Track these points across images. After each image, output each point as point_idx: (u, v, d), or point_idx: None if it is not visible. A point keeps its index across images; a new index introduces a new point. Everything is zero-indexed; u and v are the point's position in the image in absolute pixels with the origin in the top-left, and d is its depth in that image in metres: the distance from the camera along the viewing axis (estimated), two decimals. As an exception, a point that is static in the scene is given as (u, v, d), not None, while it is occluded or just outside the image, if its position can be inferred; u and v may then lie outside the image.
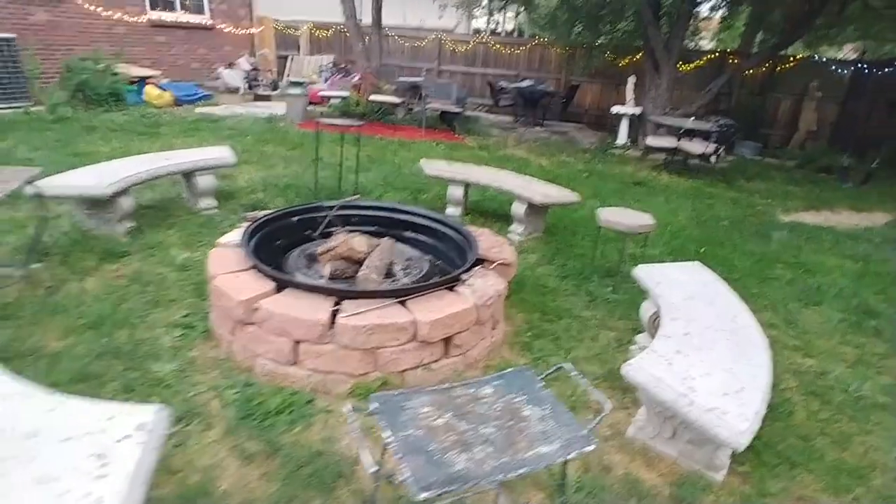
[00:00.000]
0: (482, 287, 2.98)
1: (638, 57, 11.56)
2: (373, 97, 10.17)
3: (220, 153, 4.74)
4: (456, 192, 5.11)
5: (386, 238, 3.47)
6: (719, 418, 1.89)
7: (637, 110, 10.54)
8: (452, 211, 5.24)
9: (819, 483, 2.42)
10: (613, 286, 4.08)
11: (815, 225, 6.47)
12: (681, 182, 8.15)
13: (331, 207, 3.93)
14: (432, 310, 2.71)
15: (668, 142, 8.58)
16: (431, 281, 2.93)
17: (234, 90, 12.67)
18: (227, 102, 11.33)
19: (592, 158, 9.27)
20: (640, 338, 3.26)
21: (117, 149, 6.41)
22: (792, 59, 11.66)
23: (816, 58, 11.76)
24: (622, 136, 10.82)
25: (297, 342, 2.61)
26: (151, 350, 2.82)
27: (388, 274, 3.37)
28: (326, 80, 12.96)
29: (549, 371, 1.82)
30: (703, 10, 12.41)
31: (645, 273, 3.22)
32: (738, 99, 12.04)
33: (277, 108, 10.51)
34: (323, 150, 6.95)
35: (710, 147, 8.09)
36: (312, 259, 3.45)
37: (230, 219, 4.56)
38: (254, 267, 2.90)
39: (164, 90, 10.33)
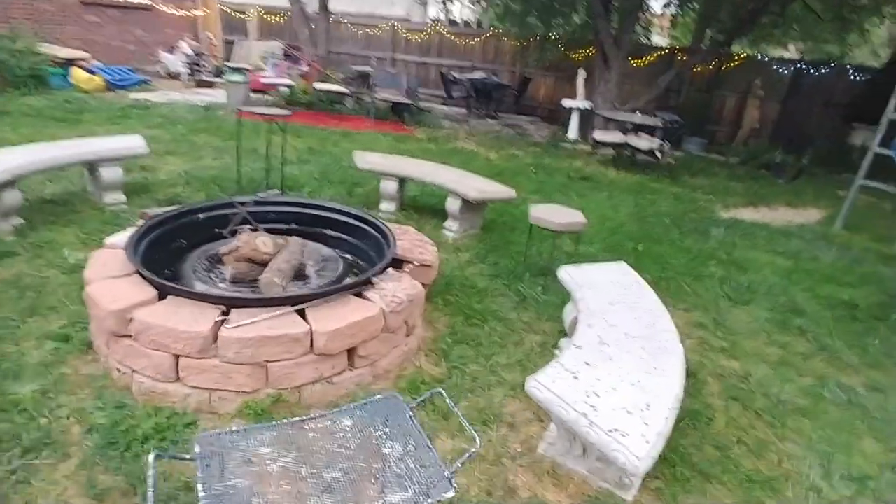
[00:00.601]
0: (393, 292, 2.77)
1: (591, 51, 11.54)
2: (318, 86, 9.78)
3: (130, 142, 4.36)
4: (389, 186, 4.88)
5: (295, 238, 3.21)
6: (618, 441, 1.76)
7: (587, 104, 10.52)
8: (387, 206, 5.01)
9: (731, 497, 2.33)
10: (544, 286, 3.95)
11: (752, 221, 6.55)
12: (627, 177, 8.15)
13: (244, 203, 3.65)
14: (332, 318, 2.49)
15: (615, 137, 8.57)
16: (335, 286, 2.70)
17: (176, 76, 12.01)
18: (165, 88, 10.70)
19: (542, 153, 9.18)
20: (565, 342, 3.13)
21: (26, 136, 5.87)
22: (737, 57, 11.88)
23: (760, 56, 12.01)
24: (573, 131, 10.79)
25: (177, 357, 2.34)
26: (13, 367, 2.50)
27: (301, 276, 3.13)
28: (273, 66, 12.43)
29: (422, 398, 1.63)
30: (656, 6, 12.50)
31: (569, 275, 3.09)
32: (686, 95, 12.20)
33: (220, 95, 9.98)
34: (261, 141, 6.60)
35: (656, 142, 8.11)
36: (216, 261, 3.17)
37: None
38: (137, 272, 2.61)
39: (94, 74, 9.64)
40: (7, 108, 7.15)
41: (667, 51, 12.63)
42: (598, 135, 8.63)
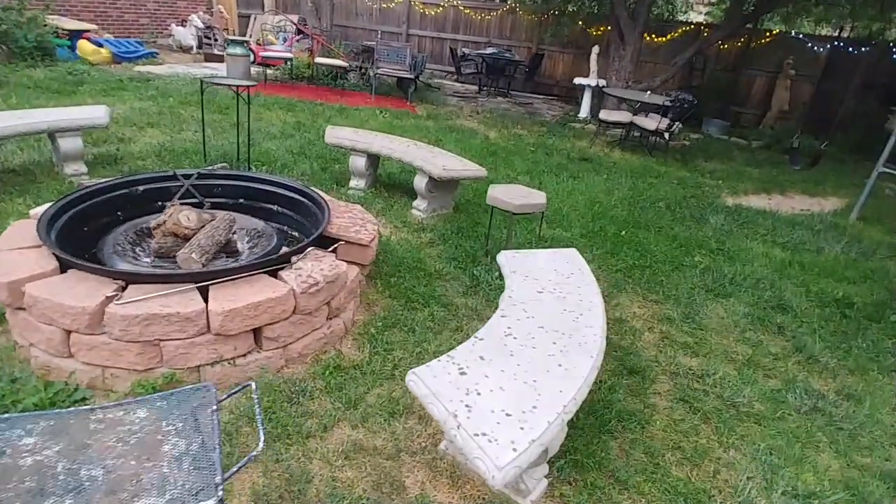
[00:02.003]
0: (309, 272, 2.62)
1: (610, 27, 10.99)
2: (319, 60, 9.60)
3: (91, 113, 4.29)
4: (358, 162, 4.71)
5: (224, 213, 3.09)
6: (481, 448, 1.57)
7: (600, 82, 10.03)
8: (356, 183, 4.85)
9: (645, 508, 2.13)
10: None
11: (758, 209, 6.12)
12: (632, 159, 7.75)
13: (187, 176, 3.55)
14: (234, 298, 2.36)
15: (622, 116, 8.14)
16: (241, 264, 2.56)
17: (187, 49, 12.01)
18: (172, 62, 10.70)
19: (548, 132, 8.82)
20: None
21: (14, 106, 5.91)
22: (767, 34, 11.12)
23: (793, 34, 11.19)
24: (584, 110, 10.35)
25: (68, 332, 2.26)
26: (-83, 335, 2.47)
27: (233, 252, 3.02)
28: (285, 40, 12.30)
29: (233, 391, 1.48)
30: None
31: (507, 259, 2.88)
32: (711, 74, 11.53)
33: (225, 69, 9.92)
34: (261, 113, 6.52)
35: (664, 123, 7.66)
36: (147, 235, 3.07)
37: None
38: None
39: (101, 46, 9.69)
40: (7, 79, 7.23)
41: (692, 27, 11.92)
42: (604, 114, 8.21)
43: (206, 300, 2.33)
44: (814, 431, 2.70)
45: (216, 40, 12.18)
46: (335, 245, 2.93)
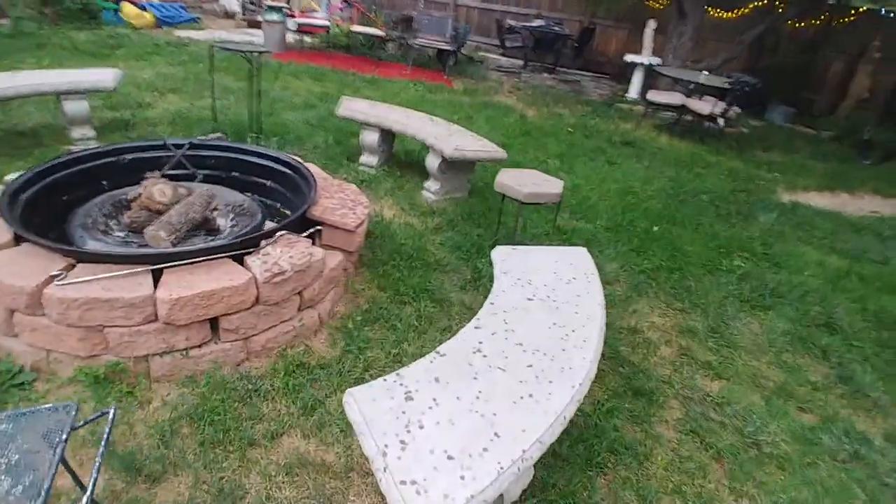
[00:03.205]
0: (277, 259, 2.38)
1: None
2: (355, 28, 9.29)
3: (97, 76, 4.18)
4: (369, 137, 4.42)
5: (202, 188, 2.88)
6: (404, 500, 1.29)
7: (654, 60, 9.26)
8: (366, 160, 4.57)
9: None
10: (507, 266, 3.39)
11: (818, 208, 5.46)
12: (680, 146, 7.10)
13: (180, 146, 3.37)
14: (187, 284, 2.15)
15: (673, 98, 7.45)
16: (203, 247, 2.35)
17: (231, 15, 11.97)
18: (214, 28, 10.66)
19: (591, 112, 8.22)
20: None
21: (46, 68, 5.94)
22: (853, 11, 9.91)
23: (883, 12, 9.93)
24: (634, 90, 9.62)
25: (12, 311, 2.12)
26: None
27: (213, 230, 2.82)
28: (327, 6, 12.04)
29: (90, 419, 1.24)
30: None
31: (501, 256, 2.55)
32: (782, 55, 10.46)
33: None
34: (274, 83, 6.38)
35: (719, 107, 6.95)
36: (125, 207, 2.92)
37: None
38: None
39: (145, 10, 9.73)
40: (49, 40, 7.33)
41: (765, 2, 10.81)
42: (653, 95, 7.54)
43: (150, 285, 2.13)
44: (850, 484, 2.27)
45: (260, 6, 12.06)
46: (311, 230, 2.68)
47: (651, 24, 9.44)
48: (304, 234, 2.64)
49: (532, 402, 1.66)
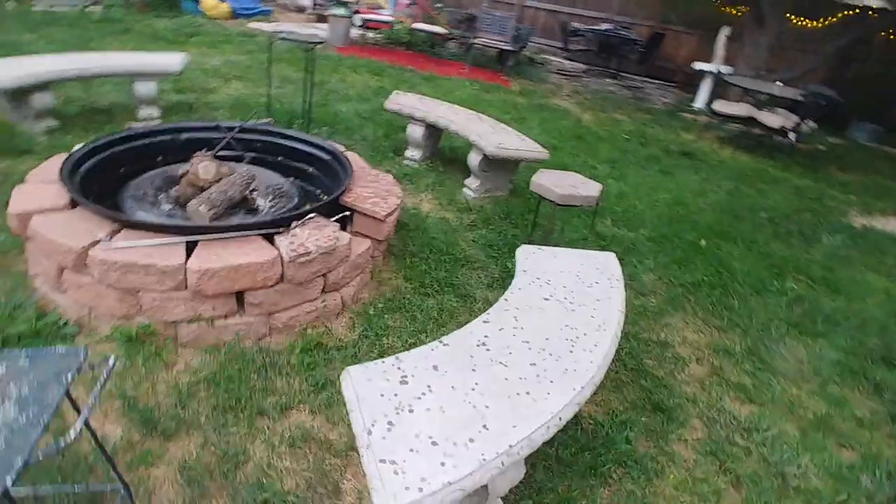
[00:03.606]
0: (304, 240, 2.46)
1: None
2: (416, 25, 9.41)
3: (165, 60, 4.46)
4: (415, 131, 4.47)
5: (244, 168, 3.02)
6: (381, 479, 1.30)
7: (725, 69, 8.82)
8: (411, 154, 4.63)
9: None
10: (537, 267, 3.34)
11: (893, 235, 5.02)
12: (743, 160, 6.73)
13: (231, 129, 3.54)
14: (217, 257, 2.26)
15: (740, 109, 7.07)
16: (234, 224, 2.45)
17: (302, 9, 12.43)
18: (284, 20, 11.12)
19: (651, 120, 7.95)
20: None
21: (128, 51, 6.41)
22: (958, 21, 9.03)
23: None
24: (701, 99, 9.20)
25: (62, 268, 2.30)
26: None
27: (252, 209, 2.96)
28: (395, 4, 12.27)
29: (97, 363, 1.32)
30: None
31: (525, 255, 2.51)
32: (870, 68, 9.68)
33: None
34: (333, 75, 6.58)
35: (791, 120, 6.53)
36: (175, 183, 3.10)
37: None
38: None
39: (222, 1, 10.28)
40: (133, 27, 7.89)
41: (857, 10, 10.03)
42: (719, 105, 7.18)
43: (185, 255, 2.26)
44: (886, 532, 2.08)
45: (329, 1, 12.46)
46: (339, 215, 2.74)
47: (724, 31, 8.99)
48: (333, 218, 2.71)
49: (529, 399, 1.63)
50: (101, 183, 2.86)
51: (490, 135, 4.07)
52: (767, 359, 2.97)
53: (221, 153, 3.35)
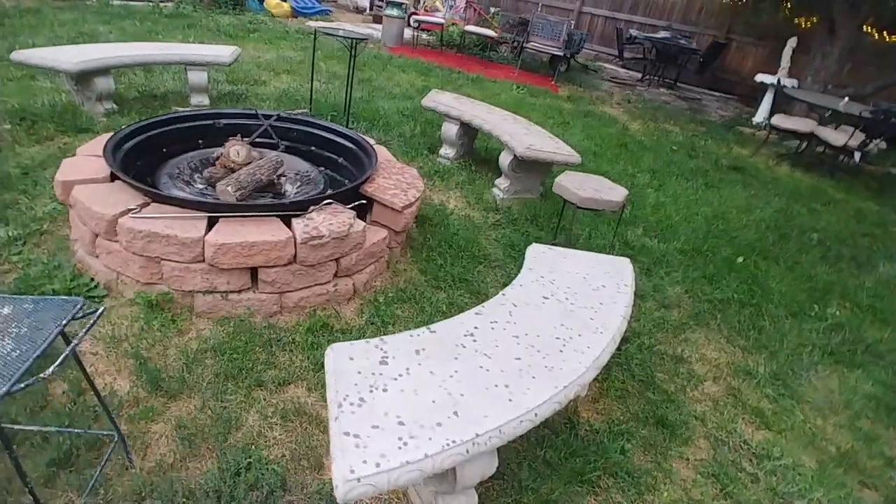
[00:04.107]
0: (318, 224, 2.53)
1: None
2: (468, 28, 9.46)
3: (218, 51, 4.70)
4: (450, 129, 4.50)
5: (272, 153, 3.13)
6: (343, 450, 1.33)
7: (790, 82, 8.37)
8: (445, 152, 4.66)
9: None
10: (556, 270, 3.28)
11: (961, 268, 4.60)
12: (801, 178, 6.37)
13: (269, 117, 3.70)
14: (234, 234, 2.37)
15: (801, 124, 6.68)
16: (253, 204, 2.56)
17: (361, 10, 12.78)
18: (343, 20, 11.45)
19: (705, 133, 7.65)
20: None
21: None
22: None
23: None
24: (761, 113, 8.76)
25: (96, 234, 2.48)
26: (11, 213, 2.92)
27: (279, 193, 3.08)
28: (451, 7, 12.39)
29: (87, 313, 1.40)
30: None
31: (535, 253, 2.48)
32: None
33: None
34: (394, 74, 6.74)
35: (857, 138, 6.11)
36: (210, 164, 3.27)
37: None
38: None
39: (284, 0, 10.71)
40: (199, 22, 8.34)
41: (946, 25, 9.28)
42: (778, 119, 6.81)
43: (204, 229, 2.37)
44: (901, 578, 1.92)
45: (387, 2, 12.73)
46: (357, 203, 2.81)
47: (791, 43, 8.54)
48: (350, 206, 2.77)
49: (506, 392, 1.62)
50: (145, 160, 3.06)
51: (522, 136, 4.04)
52: (793, 385, 2.80)
53: (258, 140, 3.52)
